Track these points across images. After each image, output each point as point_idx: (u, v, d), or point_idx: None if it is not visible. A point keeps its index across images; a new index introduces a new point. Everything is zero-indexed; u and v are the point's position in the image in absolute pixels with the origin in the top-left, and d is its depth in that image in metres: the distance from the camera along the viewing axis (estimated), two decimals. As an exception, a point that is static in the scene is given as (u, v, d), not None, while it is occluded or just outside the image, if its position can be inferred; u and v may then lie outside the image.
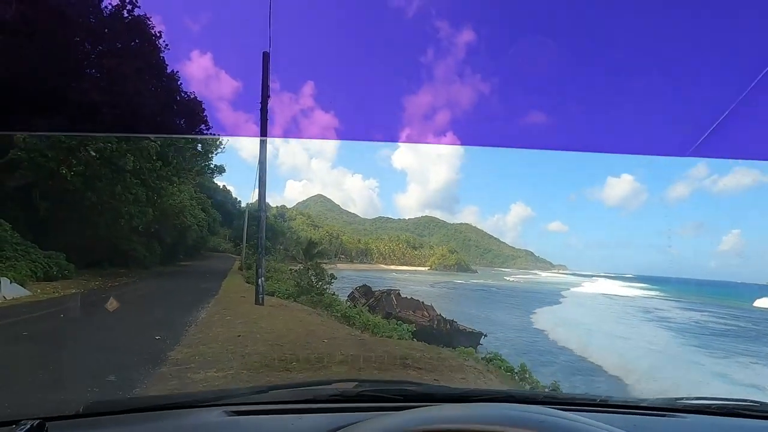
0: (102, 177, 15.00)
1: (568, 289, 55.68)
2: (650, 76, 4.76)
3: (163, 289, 15.39)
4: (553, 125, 6.09)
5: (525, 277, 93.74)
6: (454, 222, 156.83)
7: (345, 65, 9.45)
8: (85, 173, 14.49)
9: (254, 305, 11.84)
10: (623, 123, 5.15)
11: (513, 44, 6.32)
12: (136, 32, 15.00)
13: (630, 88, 4.97)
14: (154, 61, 14.88)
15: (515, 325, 28.52)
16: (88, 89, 13.25)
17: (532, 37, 5.80)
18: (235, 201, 51.61)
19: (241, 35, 13.28)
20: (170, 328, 8.17)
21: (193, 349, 6.82)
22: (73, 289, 12.22)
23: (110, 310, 8.96)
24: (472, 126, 10.42)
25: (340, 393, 1.44)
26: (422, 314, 26.21)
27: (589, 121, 5.62)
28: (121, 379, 5.12)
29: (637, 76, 4.90)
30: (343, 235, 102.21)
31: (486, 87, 10.93)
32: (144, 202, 17.13)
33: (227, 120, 18.26)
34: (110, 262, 18.82)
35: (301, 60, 12.31)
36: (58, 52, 11.98)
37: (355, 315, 13.46)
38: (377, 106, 9.66)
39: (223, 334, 7.99)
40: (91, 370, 5.41)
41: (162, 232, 24.77)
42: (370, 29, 8.26)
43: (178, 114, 15.59)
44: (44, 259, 13.12)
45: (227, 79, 20.55)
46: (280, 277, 22.11)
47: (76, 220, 15.78)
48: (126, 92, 13.51)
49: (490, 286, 57.57)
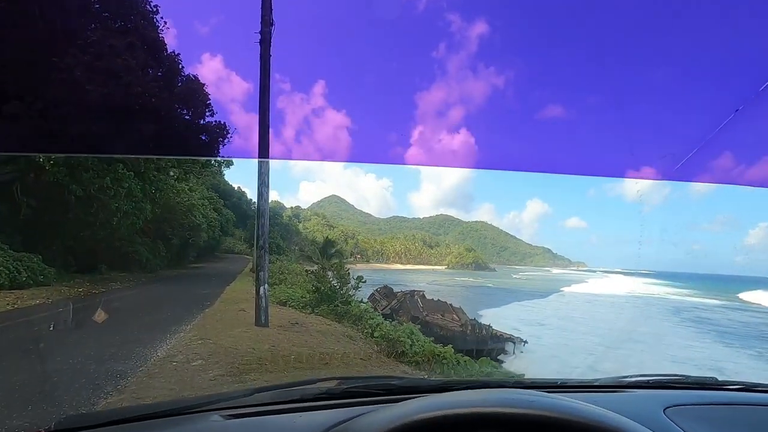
0: (88, 167, 12.98)
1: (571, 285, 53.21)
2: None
3: (148, 299, 12.84)
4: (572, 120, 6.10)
5: (535, 274, 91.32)
6: (469, 220, 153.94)
7: (355, 62, 8.90)
8: (69, 162, 12.48)
9: (253, 327, 8.68)
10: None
11: (528, 37, 6.10)
12: (128, 7, 13.46)
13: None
14: (148, 44, 13.31)
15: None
16: (73, 66, 11.54)
17: (546, 31, 5.99)
18: (250, 202, 50.70)
19: (248, 34, 11.51)
20: (118, 360, 5.89)
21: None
22: (38, 299, 10.07)
23: (63, 329, 6.73)
24: (486, 122, 10.09)
25: (326, 391, 1.46)
26: (452, 318, 23.77)
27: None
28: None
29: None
30: (358, 235, 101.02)
31: (500, 81, 9.81)
32: (140, 196, 15.06)
33: (233, 119, 16.65)
34: (110, 265, 17.01)
35: (310, 59, 10.52)
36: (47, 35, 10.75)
37: (404, 338, 8.97)
38: (389, 103, 8.94)
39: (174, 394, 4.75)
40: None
41: (168, 232, 23.13)
42: (379, 28, 8.02)
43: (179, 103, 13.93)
44: (12, 262, 11.06)
45: (237, 80, 18.94)
46: (295, 280, 19.71)
47: (63, 218, 13.84)
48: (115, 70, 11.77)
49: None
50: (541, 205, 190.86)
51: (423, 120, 11.11)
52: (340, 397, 1.42)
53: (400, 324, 12.98)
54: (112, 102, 11.51)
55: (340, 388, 1.51)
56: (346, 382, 1.62)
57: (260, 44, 8.92)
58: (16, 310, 9.14)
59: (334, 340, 8.45)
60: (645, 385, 1.72)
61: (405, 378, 2.25)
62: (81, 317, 8.19)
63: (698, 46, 4.08)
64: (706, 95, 4.32)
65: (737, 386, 1.73)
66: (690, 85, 4.52)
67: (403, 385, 1.55)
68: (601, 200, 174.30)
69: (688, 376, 1.81)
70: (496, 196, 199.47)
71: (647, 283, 60.83)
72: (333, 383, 1.58)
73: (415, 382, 1.77)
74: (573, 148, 5.29)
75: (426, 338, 9.87)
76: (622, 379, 1.76)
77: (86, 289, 12.49)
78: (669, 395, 1.61)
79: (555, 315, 30.66)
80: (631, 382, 1.74)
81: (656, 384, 1.73)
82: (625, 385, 1.70)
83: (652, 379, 1.76)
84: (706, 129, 3.48)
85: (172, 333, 7.75)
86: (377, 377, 2.02)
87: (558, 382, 1.69)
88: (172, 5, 14.07)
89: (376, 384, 1.53)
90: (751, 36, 3.20)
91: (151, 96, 12.41)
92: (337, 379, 1.65)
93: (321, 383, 1.59)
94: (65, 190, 12.89)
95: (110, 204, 13.97)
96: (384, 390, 1.46)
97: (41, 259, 12.21)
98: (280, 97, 26.63)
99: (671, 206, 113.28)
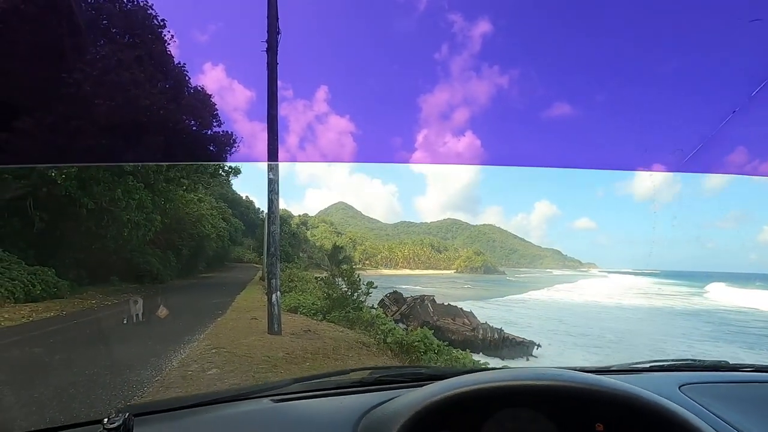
0: (99, 180, 13.10)
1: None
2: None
3: (161, 309, 12.79)
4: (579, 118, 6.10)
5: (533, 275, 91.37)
6: (477, 223, 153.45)
7: (358, 66, 8.98)
8: (80, 176, 12.62)
9: (266, 334, 8.59)
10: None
11: (532, 34, 6.34)
12: (135, 22, 13.64)
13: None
14: (155, 56, 13.49)
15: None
16: (81, 81, 11.71)
17: (551, 27, 5.71)
18: (258, 211, 51.01)
19: (250, 40, 11.61)
20: (134, 371, 5.87)
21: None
22: (52, 312, 10.13)
23: (77, 341, 6.73)
24: (491, 123, 10.12)
25: (359, 380, 1.53)
26: (463, 322, 23.57)
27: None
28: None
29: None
30: (366, 241, 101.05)
31: (504, 81, 9.94)
32: (150, 208, 15.17)
33: (239, 127, 16.75)
34: (122, 276, 17.12)
35: (311, 64, 10.66)
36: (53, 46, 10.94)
37: (418, 343, 8.94)
38: (393, 106, 8.98)
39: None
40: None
41: (178, 243, 23.27)
42: (382, 28, 7.84)
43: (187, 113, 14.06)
44: (27, 276, 11.16)
45: (240, 88, 19.06)
46: (305, 287, 19.66)
47: (75, 231, 13.96)
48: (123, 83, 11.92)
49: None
50: (550, 206, 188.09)
51: (427, 123, 11.08)
52: (373, 385, 1.49)
53: (413, 329, 12.85)
54: (120, 115, 11.64)
55: (373, 377, 1.56)
56: (377, 371, 1.67)
57: (267, 52, 8.94)
58: (32, 323, 9.19)
59: (348, 346, 8.37)
60: (660, 369, 1.78)
61: (433, 367, 2.44)
62: (94, 329, 8.21)
63: (712, 33, 3.94)
64: (720, 83, 4.17)
65: (750, 368, 1.78)
66: (703, 73, 4.37)
67: (432, 373, 1.60)
68: (610, 200, 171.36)
69: (701, 360, 1.86)
70: (504, 198, 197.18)
71: (657, 283, 60.06)
72: (365, 373, 1.63)
73: (444, 370, 1.81)
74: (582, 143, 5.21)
75: (440, 342, 9.73)
76: (636, 365, 1.82)
77: (99, 301, 12.55)
78: (684, 375, 1.65)
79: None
80: (647, 366, 1.80)
81: (671, 367, 1.79)
82: (640, 369, 1.78)
83: (667, 363, 1.82)
84: (718, 119, 3.35)
85: (185, 343, 7.74)
86: (406, 366, 2.00)
87: (577, 368, 1.69)
88: (173, 15, 14.23)
89: (406, 372, 1.58)
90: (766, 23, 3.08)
91: (159, 108, 12.55)
92: (369, 369, 1.69)
93: (353, 373, 1.65)
94: (77, 203, 13.03)
95: (121, 216, 14.08)
96: (414, 377, 1.51)
97: (55, 272, 12.32)
98: (282, 104, 26.80)
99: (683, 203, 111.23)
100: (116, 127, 11.85)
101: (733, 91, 3.79)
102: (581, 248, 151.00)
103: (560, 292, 48.13)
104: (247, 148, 13.24)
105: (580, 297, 42.69)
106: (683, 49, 4.39)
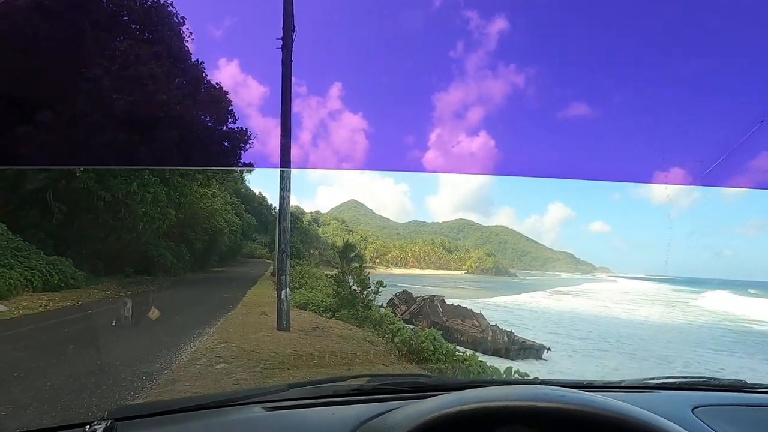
0: (116, 174, 13.37)
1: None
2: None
3: (173, 302, 12.98)
4: (596, 119, 5.92)
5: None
6: (488, 224, 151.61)
7: (372, 63, 8.51)
8: (98, 169, 12.90)
9: (275, 330, 8.62)
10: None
11: (550, 33, 6.52)
12: (155, 18, 13.84)
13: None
14: (173, 52, 13.71)
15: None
16: (101, 76, 11.93)
17: (569, 26, 5.81)
18: (270, 207, 51.36)
19: (265, 37, 11.57)
20: (144, 363, 5.95)
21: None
22: (69, 301, 10.39)
23: (92, 331, 6.87)
24: (506, 122, 9.53)
25: (357, 388, 1.50)
26: (472, 323, 23.36)
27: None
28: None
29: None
30: (377, 239, 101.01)
31: (520, 79, 9.44)
32: (165, 201, 15.42)
33: (253, 123, 16.84)
34: (136, 269, 17.43)
35: (326, 61, 10.48)
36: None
37: (426, 343, 8.57)
38: (406, 104, 8.50)
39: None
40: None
41: (191, 237, 23.60)
42: (397, 25, 7.44)
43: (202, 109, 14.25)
44: (45, 266, 11.46)
45: (254, 84, 19.20)
46: (315, 284, 19.75)
47: (92, 223, 14.25)
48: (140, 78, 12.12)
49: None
50: (563, 208, 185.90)
51: (441, 121, 10.90)
52: (371, 394, 1.45)
53: (421, 329, 12.81)
54: (138, 110, 11.83)
55: (371, 385, 1.53)
56: (375, 379, 1.64)
57: (282, 50, 8.99)
58: (49, 312, 9.45)
59: (356, 344, 8.40)
60: (672, 387, 1.72)
61: (434, 376, 2.40)
62: (109, 320, 8.38)
63: (732, 43, 3.78)
64: (740, 95, 4.01)
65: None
66: (724, 82, 4.20)
67: (432, 383, 1.57)
68: (626, 204, 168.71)
69: (717, 379, 1.80)
70: (517, 200, 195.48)
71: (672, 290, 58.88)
72: (363, 381, 1.60)
73: (444, 380, 1.79)
74: (598, 151, 5.04)
75: (449, 344, 9.65)
76: (648, 381, 1.75)
77: (114, 292, 12.82)
78: (697, 396, 1.59)
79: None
80: (658, 383, 1.73)
81: (684, 385, 1.72)
82: (651, 386, 1.70)
83: (680, 380, 1.75)
84: (740, 131, 3.28)
85: (195, 336, 7.84)
86: (406, 375, 1.95)
87: (584, 383, 1.67)
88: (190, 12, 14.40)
89: (405, 381, 1.55)
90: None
91: (175, 104, 12.73)
92: (367, 377, 1.66)
93: (352, 380, 1.63)
94: (94, 195, 13.31)
95: (137, 209, 14.34)
96: (413, 387, 1.48)
97: (72, 263, 12.62)
98: (296, 100, 26.94)
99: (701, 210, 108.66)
100: (134, 122, 12.09)
101: (763, 98, 3.66)
102: (595, 252, 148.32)
103: (563, 295, 47.46)
104: (261, 144, 13.30)
105: (583, 302, 42.00)
106: (708, 51, 4.28)
